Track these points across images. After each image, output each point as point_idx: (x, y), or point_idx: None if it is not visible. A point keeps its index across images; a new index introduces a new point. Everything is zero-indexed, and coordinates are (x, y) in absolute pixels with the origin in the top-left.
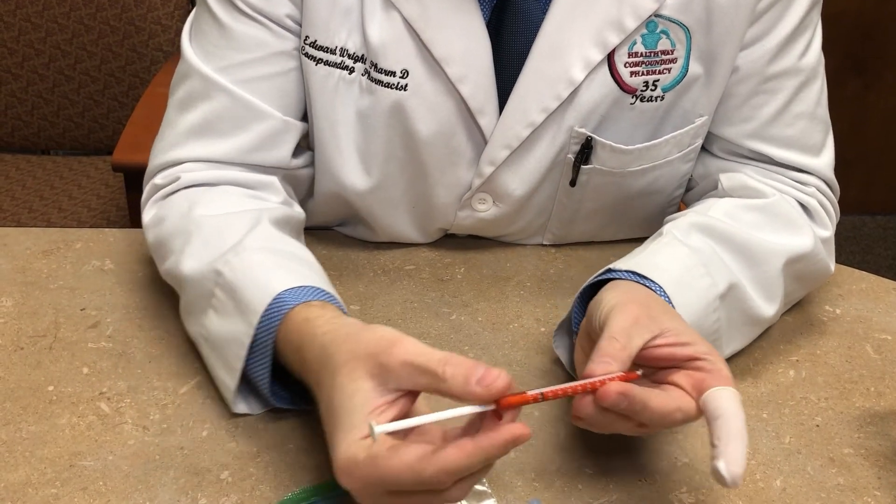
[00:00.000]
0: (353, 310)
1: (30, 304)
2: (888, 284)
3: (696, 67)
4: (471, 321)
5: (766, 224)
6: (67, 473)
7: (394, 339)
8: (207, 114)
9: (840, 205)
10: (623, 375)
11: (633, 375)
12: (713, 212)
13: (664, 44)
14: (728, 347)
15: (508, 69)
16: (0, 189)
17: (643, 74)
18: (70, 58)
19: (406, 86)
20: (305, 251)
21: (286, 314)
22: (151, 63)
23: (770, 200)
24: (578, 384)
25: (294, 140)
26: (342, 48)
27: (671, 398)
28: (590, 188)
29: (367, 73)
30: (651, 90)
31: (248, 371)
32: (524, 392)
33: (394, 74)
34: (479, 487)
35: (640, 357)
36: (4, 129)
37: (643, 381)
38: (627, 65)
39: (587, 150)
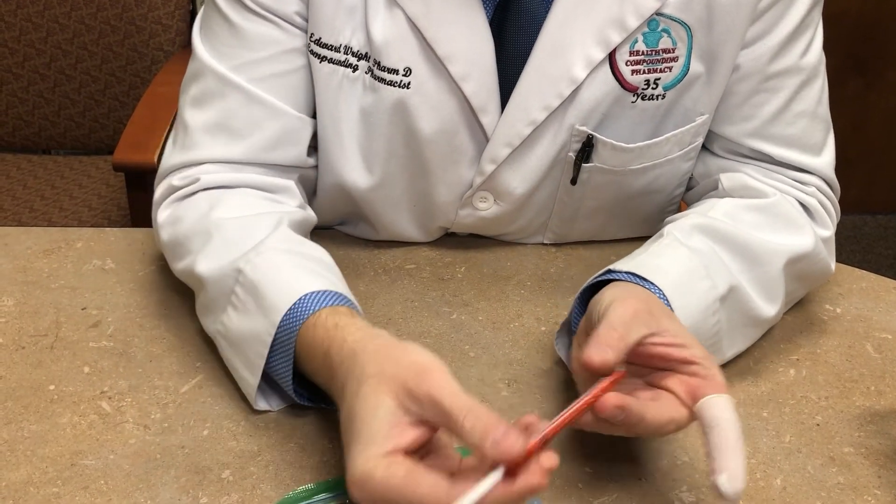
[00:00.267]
0: None
1: (31, 304)
2: (889, 283)
3: (698, 66)
4: (471, 320)
5: (767, 224)
6: (69, 472)
7: (425, 368)
8: (223, 112)
9: (841, 204)
10: (611, 379)
11: (621, 374)
12: (714, 212)
13: (665, 42)
14: (730, 350)
15: (510, 67)
16: (1, 188)
17: (644, 73)
18: (71, 57)
19: (409, 84)
20: (327, 255)
21: (311, 317)
22: (152, 63)
23: (771, 200)
24: (575, 408)
25: (308, 137)
26: (346, 46)
27: (664, 409)
28: (591, 186)
29: (371, 71)
30: (652, 88)
31: (270, 369)
32: (530, 441)
33: (397, 72)
34: None
35: (635, 353)
36: (5, 129)
37: (636, 384)
38: (629, 63)
39: (588, 149)
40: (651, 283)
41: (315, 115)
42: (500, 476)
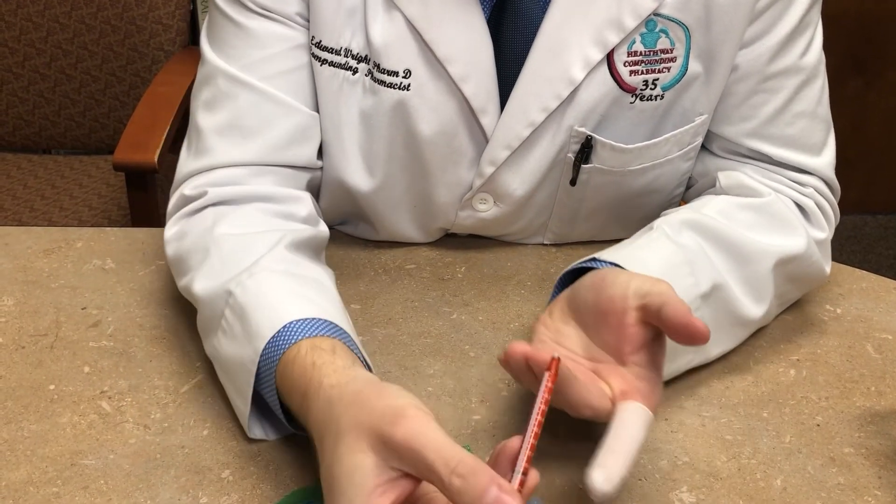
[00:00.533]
0: (354, 309)
1: (31, 303)
2: (889, 284)
3: (696, 66)
4: (471, 320)
5: (759, 224)
6: (69, 472)
7: (399, 412)
8: (235, 112)
9: (841, 204)
10: (552, 373)
11: (556, 361)
12: (707, 209)
13: (663, 43)
14: (715, 348)
15: (508, 68)
16: (1, 188)
17: (643, 73)
18: (71, 57)
19: (409, 86)
20: (324, 275)
21: (290, 350)
22: (153, 62)
23: (765, 200)
24: (537, 421)
25: (319, 136)
26: (346, 49)
27: (590, 394)
28: (590, 187)
29: (371, 74)
30: (651, 89)
31: (263, 395)
32: (518, 484)
33: (396, 74)
34: None
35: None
36: (6, 129)
37: (585, 365)
38: (627, 64)
39: (587, 150)
40: None
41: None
42: None
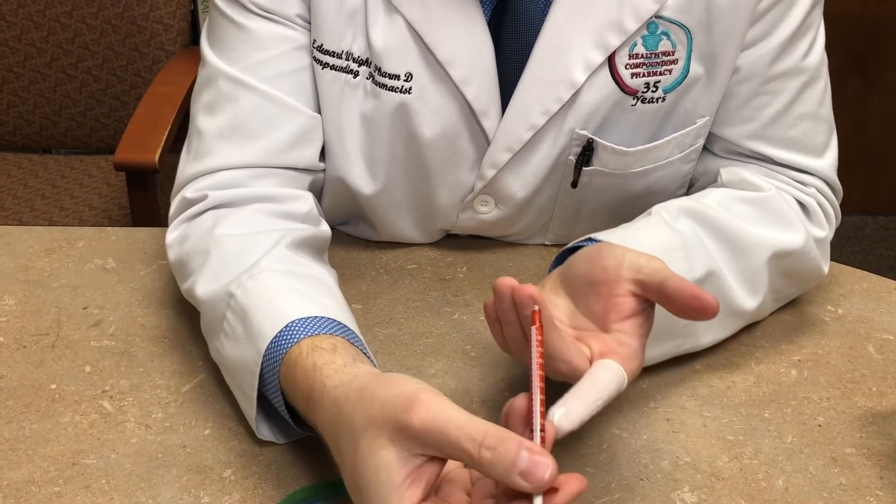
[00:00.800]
0: (356, 309)
1: (32, 303)
2: (890, 284)
3: (697, 68)
4: (472, 320)
5: (758, 217)
6: (70, 472)
7: (412, 398)
8: (237, 114)
9: (842, 205)
10: (537, 325)
11: (537, 312)
12: (706, 199)
13: (665, 45)
14: (706, 336)
15: (509, 71)
16: (2, 188)
17: (644, 76)
18: (72, 57)
19: (410, 89)
20: (325, 274)
21: (291, 350)
22: (153, 62)
23: (765, 195)
24: (539, 375)
25: (321, 137)
26: (347, 52)
27: (570, 352)
28: (591, 189)
29: (372, 77)
30: (652, 91)
31: (268, 397)
32: (539, 441)
33: (398, 78)
34: None
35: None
36: (6, 128)
37: (567, 331)
38: (628, 66)
39: (588, 152)
40: None
41: None
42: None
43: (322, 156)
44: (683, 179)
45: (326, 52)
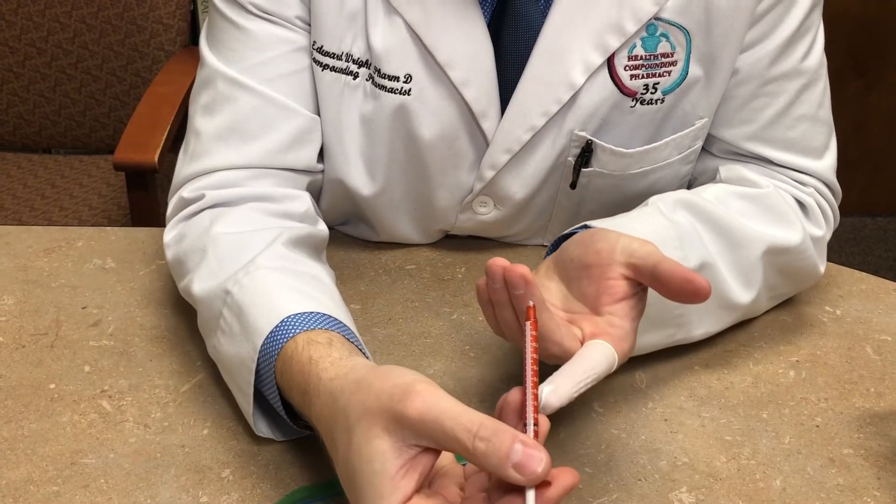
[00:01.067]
0: (355, 309)
1: (31, 303)
2: (888, 285)
3: (696, 70)
4: (471, 320)
5: (755, 213)
6: (69, 471)
7: (407, 388)
8: (235, 115)
9: (841, 206)
10: (532, 320)
11: (532, 308)
12: (704, 193)
13: (664, 47)
14: (699, 328)
15: (508, 72)
16: (1, 187)
17: (643, 77)
18: (71, 56)
19: (409, 90)
20: (322, 272)
21: (287, 345)
22: (153, 62)
23: (763, 191)
24: (532, 370)
25: (320, 139)
26: (347, 53)
27: (561, 333)
28: (590, 190)
29: (371, 79)
30: (651, 93)
31: (264, 393)
32: (533, 435)
33: (397, 79)
34: None
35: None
36: (6, 128)
37: (560, 316)
38: (627, 68)
39: (587, 154)
40: None
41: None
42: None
43: (320, 157)
44: (682, 180)
45: (326, 54)
